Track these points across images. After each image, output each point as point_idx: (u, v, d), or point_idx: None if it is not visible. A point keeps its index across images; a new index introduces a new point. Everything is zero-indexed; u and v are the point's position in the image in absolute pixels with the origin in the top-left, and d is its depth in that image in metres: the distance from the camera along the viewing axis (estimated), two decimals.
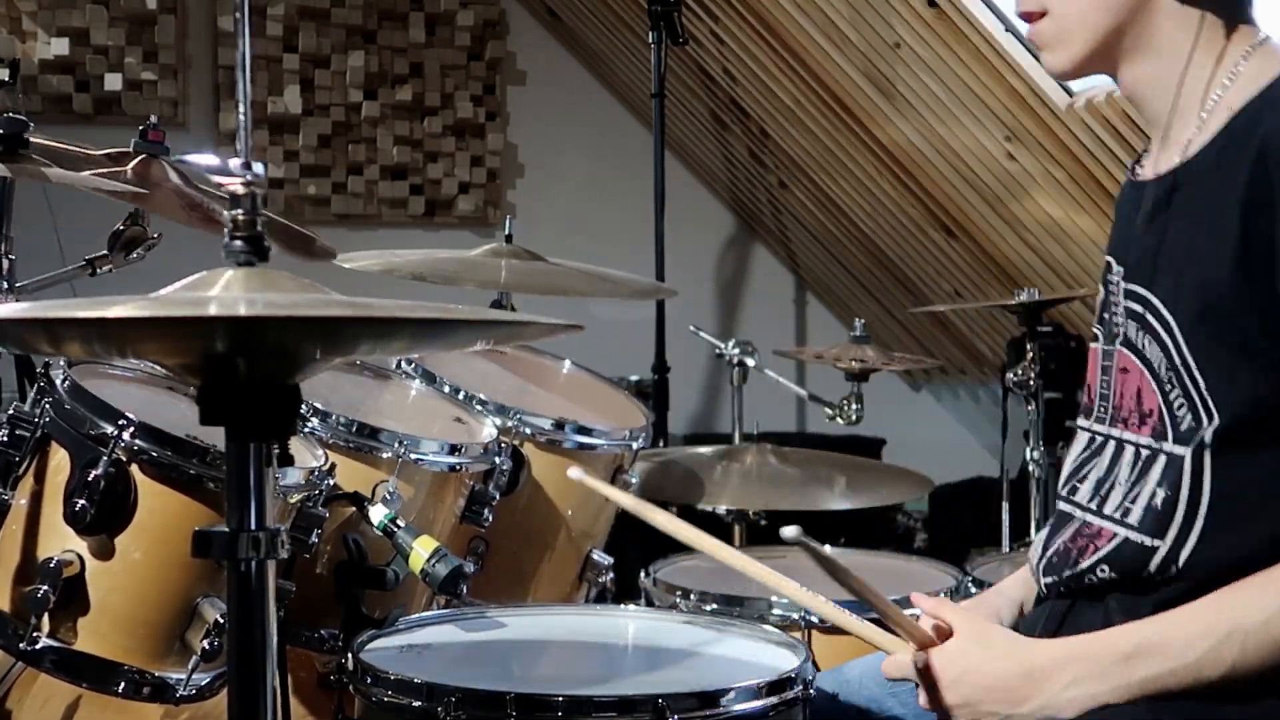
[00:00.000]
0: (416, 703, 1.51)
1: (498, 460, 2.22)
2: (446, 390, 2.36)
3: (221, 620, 1.70)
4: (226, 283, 1.11)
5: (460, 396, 2.35)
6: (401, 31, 5.01)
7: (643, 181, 3.93)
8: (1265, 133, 1.28)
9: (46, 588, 1.66)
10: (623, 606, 2.15)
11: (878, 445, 4.59)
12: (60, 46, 4.72)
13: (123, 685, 1.72)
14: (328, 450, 1.94)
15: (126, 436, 1.69)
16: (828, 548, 1.81)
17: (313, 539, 1.81)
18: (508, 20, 5.16)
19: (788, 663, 1.63)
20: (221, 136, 4.91)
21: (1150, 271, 1.38)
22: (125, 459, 1.69)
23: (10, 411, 1.78)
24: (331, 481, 1.86)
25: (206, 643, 1.71)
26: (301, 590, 1.80)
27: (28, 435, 1.75)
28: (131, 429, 1.69)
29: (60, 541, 1.71)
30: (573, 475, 1.53)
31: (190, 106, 4.96)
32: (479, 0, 5.06)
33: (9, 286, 2.30)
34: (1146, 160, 1.48)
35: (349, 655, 1.63)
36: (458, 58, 5.07)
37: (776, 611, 2.23)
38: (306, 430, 1.97)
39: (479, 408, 2.33)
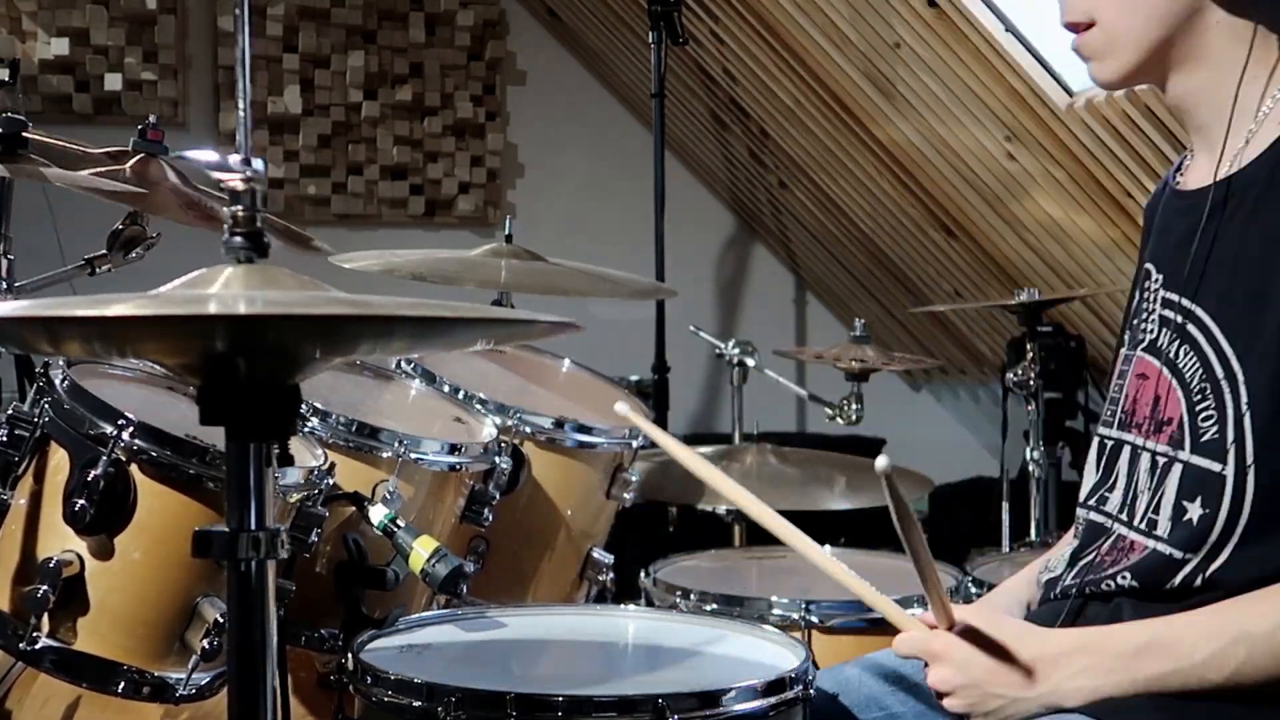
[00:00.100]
0: (416, 703, 1.51)
1: (498, 460, 2.22)
2: (446, 390, 2.36)
3: (221, 620, 1.70)
4: (226, 280, 1.11)
5: (460, 396, 2.35)
6: (401, 31, 5.01)
7: (643, 181, 3.93)
8: None
9: (46, 588, 1.66)
10: (623, 606, 2.15)
11: (878, 445, 4.59)
12: (60, 46, 4.72)
13: (122, 685, 1.72)
14: (328, 450, 1.94)
15: (126, 436, 1.69)
16: (827, 548, 1.80)
17: (313, 539, 1.81)
18: (508, 20, 5.16)
19: (788, 663, 1.63)
20: (221, 136, 4.91)
21: (1195, 281, 1.38)
22: (125, 459, 1.69)
23: (10, 411, 1.78)
24: (331, 481, 1.86)
25: (206, 642, 1.71)
26: (301, 590, 1.80)
27: (27, 435, 1.75)
28: (131, 429, 1.69)
29: (60, 541, 1.70)
30: (619, 410, 1.58)
31: (190, 106, 4.95)
32: (479, 0, 5.06)
33: (8, 286, 2.30)
34: (1188, 169, 1.47)
35: (349, 655, 1.63)
36: (458, 58, 5.06)
37: (776, 611, 2.23)
38: (306, 430, 1.97)
39: (479, 407, 2.33)
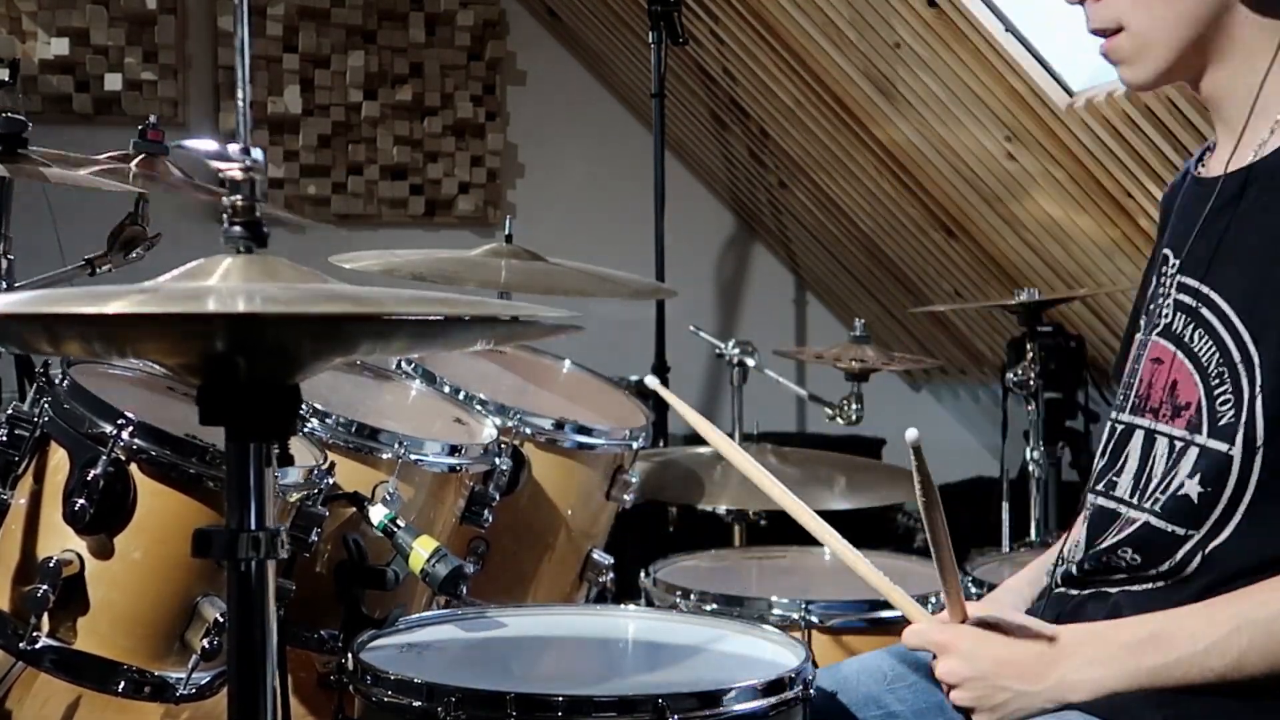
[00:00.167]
0: (416, 703, 1.51)
1: (498, 460, 2.22)
2: (446, 390, 2.36)
3: (221, 620, 1.70)
4: (224, 270, 1.10)
5: (460, 396, 2.35)
6: (401, 31, 5.01)
7: (643, 181, 3.93)
8: None
9: (46, 587, 1.66)
10: (623, 606, 2.15)
11: (878, 445, 4.59)
12: (60, 46, 4.72)
13: (122, 685, 1.72)
14: (328, 450, 1.94)
15: (126, 436, 1.69)
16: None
17: (313, 539, 1.81)
18: (508, 20, 5.16)
19: (788, 662, 1.63)
20: (222, 136, 4.91)
21: (1210, 264, 1.39)
22: (124, 458, 1.69)
23: (10, 411, 1.78)
24: (331, 481, 1.86)
25: (206, 642, 1.71)
26: (301, 590, 1.80)
27: (27, 435, 1.75)
28: (131, 428, 1.69)
29: (60, 541, 1.70)
30: (650, 383, 1.70)
31: (190, 106, 4.95)
32: (479, 0, 5.06)
33: (8, 286, 2.30)
34: (1210, 159, 1.49)
35: (349, 655, 1.63)
36: (458, 58, 5.06)
37: (776, 611, 2.23)
38: (306, 430, 1.97)
39: (479, 408, 2.33)
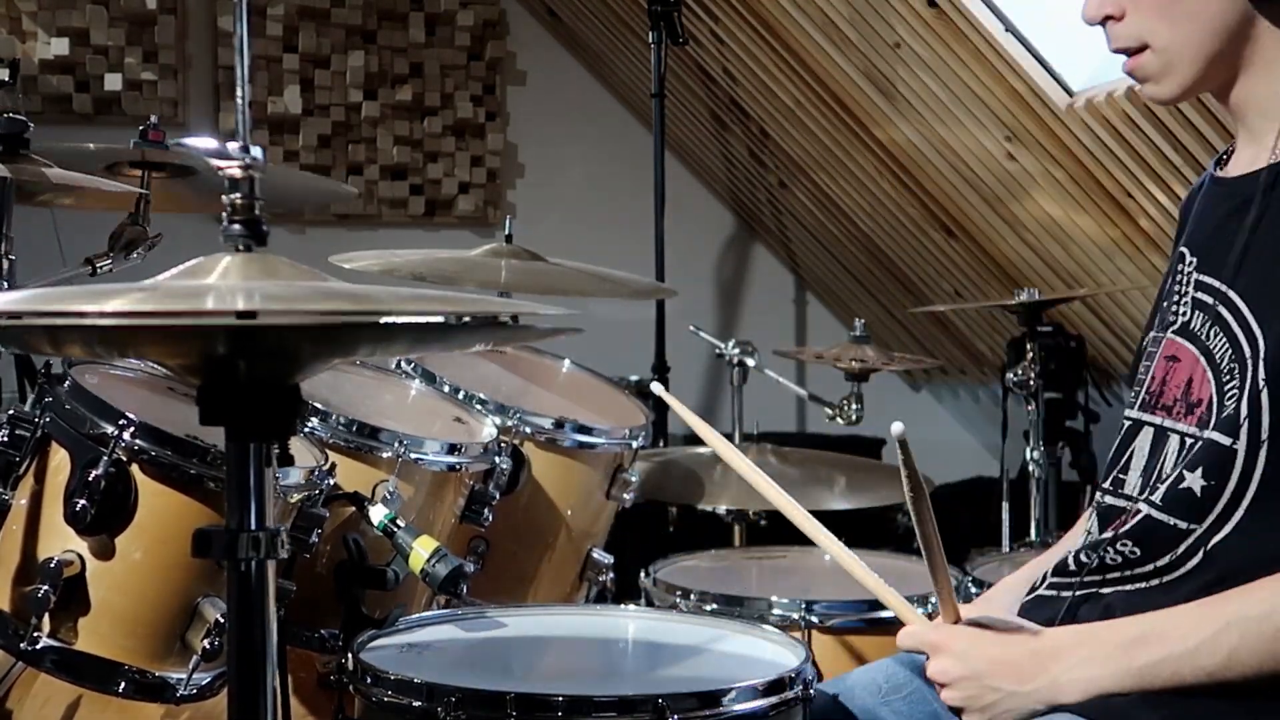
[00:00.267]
0: (416, 703, 1.51)
1: (498, 460, 2.22)
2: (446, 390, 2.36)
3: (221, 620, 1.70)
4: (224, 269, 1.10)
5: (460, 396, 2.35)
6: (401, 31, 5.00)
7: (643, 181, 3.93)
8: None
9: (47, 588, 1.66)
10: (623, 606, 2.15)
11: (878, 445, 4.58)
12: (60, 46, 4.71)
13: (123, 685, 1.72)
14: (328, 450, 1.94)
15: (127, 436, 1.69)
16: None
17: (313, 539, 1.81)
18: (508, 20, 5.15)
19: (788, 662, 1.63)
20: (222, 136, 4.90)
21: (1228, 262, 1.40)
22: (125, 459, 1.69)
23: (10, 411, 1.78)
24: (331, 481, 1.86)
25: (207, 642, 1.71)
26: (301, 590, 1.80)
27: (28, 435, 1.75)
28: (132, 429, 1.69)
29: (60, 541, 1.71)
30: (656, 390, 1.72)
31: (190, 106, 4.95)
32: (479, 0, 5.06)
33: (9, 287, 2.30)
34: (1230, 160, 1.50)
35: (349, 655, 1.63)
36: (458, 58, 5.06)
37: (776, 611, 2.23)
38: (306, 430, 1.97)
39: (479, 407, 2.33)
